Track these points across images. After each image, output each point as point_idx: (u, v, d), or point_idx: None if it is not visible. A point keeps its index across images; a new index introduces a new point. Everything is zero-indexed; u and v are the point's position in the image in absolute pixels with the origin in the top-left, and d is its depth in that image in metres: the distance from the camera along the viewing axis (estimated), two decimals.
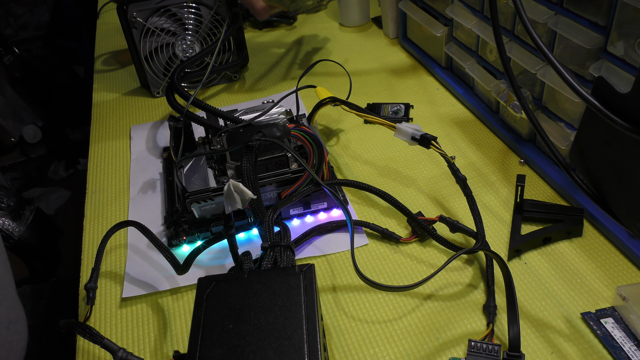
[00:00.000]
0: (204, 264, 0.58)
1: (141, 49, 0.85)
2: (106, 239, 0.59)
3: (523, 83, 0.66)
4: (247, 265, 0.46)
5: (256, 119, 0.67)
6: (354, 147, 0.74)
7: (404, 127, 0.60)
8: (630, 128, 0.40)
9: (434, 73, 0.87)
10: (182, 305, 0.55)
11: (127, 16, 0.83)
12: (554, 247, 0.56)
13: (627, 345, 0.46)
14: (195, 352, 0.38)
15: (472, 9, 0.73)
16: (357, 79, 0.89)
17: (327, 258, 0.58)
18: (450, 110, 0.79)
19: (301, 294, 0.41)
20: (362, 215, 0.63)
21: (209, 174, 0.63)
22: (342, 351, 0.49)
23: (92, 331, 0.46)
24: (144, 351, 0.51)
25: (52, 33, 2.07)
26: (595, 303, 0.50)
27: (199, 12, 0.85)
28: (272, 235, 0.50)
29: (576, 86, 0.42)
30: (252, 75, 0.95)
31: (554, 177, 0.62)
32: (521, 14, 0.46)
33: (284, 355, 0.37)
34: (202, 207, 0.60)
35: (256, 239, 0.61)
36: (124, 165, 0.76)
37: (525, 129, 0.68)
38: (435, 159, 0.70)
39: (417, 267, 0.56)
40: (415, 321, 0.51)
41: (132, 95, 0.92)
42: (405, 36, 0.96)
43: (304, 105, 0.81)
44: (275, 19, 1.10)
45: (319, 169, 0.60)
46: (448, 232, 0.58)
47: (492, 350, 0.46)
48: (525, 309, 0.50)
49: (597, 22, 0.52)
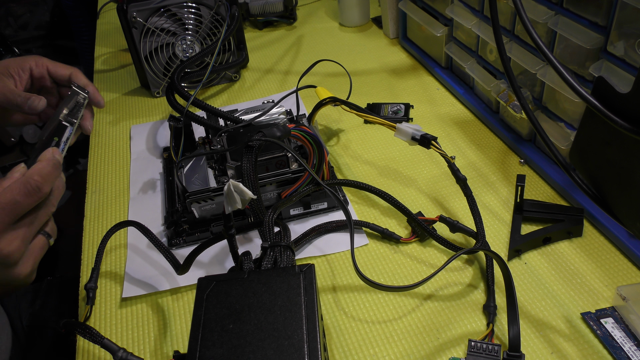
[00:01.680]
0: (204, 264, 0.58)
1: (141, 49, 0.85)
2: (106, 239, 0.59)
3: (523, 83, 0.66)
4: (247, 265, 0.46)
5: (256, 119, 0.67)
6: (354, 147, 0.74)
7: (404, 127, 0.60)
8: (630, 128, 0.40)
9: (434, 73, 0.87)
10: (182, 305, 0.55)
11: (127, 16, 0.83)
12: (554, 247, 0.56)
13: (627, 345, 0.46)
14: (195, 352, 0.38)
15: (472, 9, 0.73)
16: (357, 79, 0.89)
17: (327, 258, 0.58)
18: (450, 110, 0.79)
19: (301, 294, 0.41)
20: (362, 215, 0.63)
21: (209, 174, 0.63)
22: (342, 351, 0.49)
23: (92, 331, 0.46)
24: (144, 351, 0.51)
25: (52, 33, 2.07)
26: (595, 303, 0.50)
27: (199, 12, 0.85)
28: (272, 235, 0.50)
29: (576, 86, 0.42)
30: (252, 75, 0.95)
31: (554, 177, 0.62)
32: (521, 14, 0.46)
33: (284, 355, 0.37)
34: (202, 207, 0.60)
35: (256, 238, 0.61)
36: (124, 165, 0.76)
37: (525, 129, 0.68)
38: (435, 159, 0.70)
39: (417, 267, 0.56)
40: (415, 321, 0.51)
41: (132, 95, 0.92)
42: (405, 36, 0.96)
43: (303, 105, 0.81)
44: (276, 19, 1.10)
45: (319, 169, 0.60)
46: (448, 232, 0.58)
47: (492, 350, 0.46)
48: (525, 309, 0.50)
49: (597, 22, 0.52)
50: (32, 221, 0.49)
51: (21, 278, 0.49)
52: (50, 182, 0.50)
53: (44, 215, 0.50)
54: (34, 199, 0.48)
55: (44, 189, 0.49)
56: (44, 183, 0.49)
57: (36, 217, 0.50)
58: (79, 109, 0.62)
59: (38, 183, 0.49)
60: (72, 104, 0.62)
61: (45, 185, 0.49)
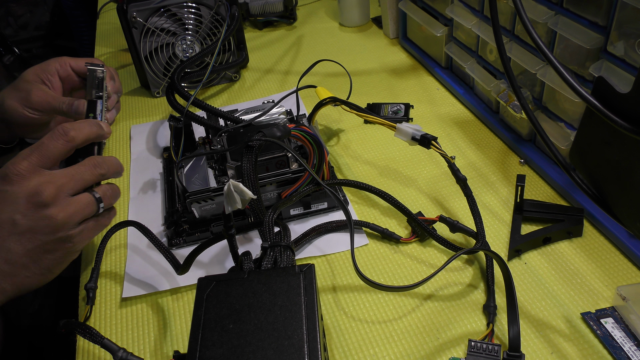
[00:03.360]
0: (204, 264, 0.58)
1: (141, 49, 0.85)
2: (106, 239, 0.59)
3: (523, 83, 0.66)
4: (247, 265, 0.46)
5: (256, 119, 0.67)
6: (354, 147, 0.74)
7: (404, 127, 0.60)
8: (630, 128, 0.40)
9: (434, 73, 0.87)
10: (182, 305, 0.55)
11: (127, 16, 0.83)
12: (554, 247, 0.56)
13: (627, 345, 0.46)
14: (195, 352, 0.38)
15: (472, 9, 0.73)
16: (357, 79, 0.89)
17: (327, 258, 0.58)
18: (450, 110, 0.79)
19: (301, 294, 0.41)
20: (362, 215, 0.63)
21: (209, 174, 0.63)
22: (342, 351, 0.49)
23: (92, 331, 0.46)
24: (144, 351, 0.51)
25: (52, 33, 2.07)
26: (595, 303, 0.50)
27: (199, 12, 0.85)
28: (272, 235, 0.50)
29: (576, 86, 0.42)
30: (252, 75, 0.95)
31: (554, 177, 0.62)
32: (521, 14, 0.46)
33: (284, 355, 0.37)
34: (202, 207, 0.60)
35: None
36: (124, 165, 0.75)
37: (525, 129, 0.68)
38: (435, 159, 0.70)
39: (417, 267, 0.56)
40: (415, 321, 0.51)
41: (132, 95, 0.92)
42: (405, 36, 0.96)
43: (303, 106, 0.81)
44: (276, 19, 1.10)
45: (319, 169, 0.60)
46: (448, 232, 0.58)
47: (492, 350, 0.46)
48: (525, 309, 0.50)
49: (597, 22, 0.52)
50: (70, 172, 0.50)
51: (58, 221, 0.48)
52: (80, 130, 0.52)
53: (87, 171, 0.51)
54: (59, 142, 0.50)
55: (70, 133, 0.51)
56: (72, 129, 0.51)
57: (77, 171, 0.50)
58: (101, 82, 0.64)
59: (64, 127, 0.51)
60: (94, 82, 0.64)
61: (73, 131, 0.51)
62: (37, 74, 0.67)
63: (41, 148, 0.50)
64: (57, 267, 0.51)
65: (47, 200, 0.48)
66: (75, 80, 0.69)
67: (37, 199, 0.48)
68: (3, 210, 0.48)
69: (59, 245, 0.49)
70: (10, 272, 0.48)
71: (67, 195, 0.49)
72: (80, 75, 0.69)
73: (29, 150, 0.50)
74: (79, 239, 0.50)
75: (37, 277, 0.50)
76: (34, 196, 0.48)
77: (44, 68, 0.67)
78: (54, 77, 0.67)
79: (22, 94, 0.65)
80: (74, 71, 0.68)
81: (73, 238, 0.50)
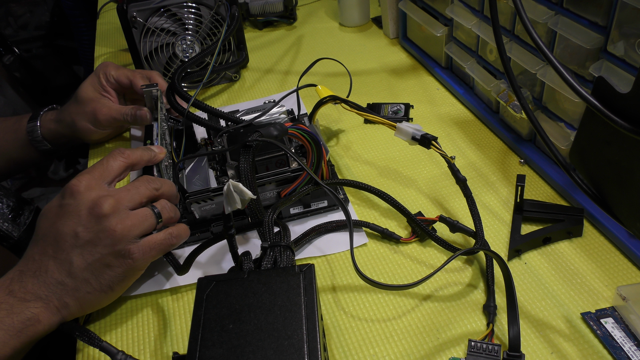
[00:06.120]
0: (204, 264, 0.58)
1: (141, 49, 0.85)
2: None
3: (523, 83, 0.66)
4: (247, 265, 0.46)
5: (256, 119, 0.67)
6: (355, 147, 0.74)
7: (404, 126, 0.60)
8: (630, 128, 0.40)
9: (434, 73, 0.87)
10: (182, 305, 0.55)
11: (127, 16, 0.83)
12: (554, 247, 0.56)
13: (627, 345, 0.46)
14: (195, 352, 0.38)
15: (472, 9, 0.73)
16: (357, 79, 0.89)
17: (327, 258, 0.58)
18: (450, 110, 0.79)
19: (301, 294, 0.41)
20: (362, 216, 0.63)
21: (210, 175, 0.63)
22: (342, 351, 0.49)
23: (90, 334, 0.46)
24: (144, 351, 0.51)
25: (52, 33, 2.07)
26: (595, 303, 0.50)
27: (199, 12, 0.85)
28: (272, 235, 0.50)
29: (576, 86, 0.42)
30: (252, 75, 0.95)
31: (554, 177, 0.62)
32: (521, 14, 0.46)
33: (284, 355, 0.37)
34: (202, 207, 0.60)
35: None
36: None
37: (525, 129, 0.68)
38: (435, 159, 0.70)
39: (417, 267, 0.56)
40: (415, 321, 0.51)
41: None
42: (405, 36, 0.96)
43: (304, 105, 0.81)
44: (276, 19, 1.10)
45: (317, 167, 0.60)
46: (448, 232, 0.58)
47: (492, 350, 0.46)
48: (525, 309, 0.50)
49: (597, 22, 0.52)
50: (127, 187, 0.52)
51: (117, 232, 0.48)
52: (137, 154, 0.56)
53: (142, 185, 0.53)
54: (117, 161, 0.53)
55: (126, 152, 0.54)
56: (128, 151, 0.55)
57: (133, 185, 0.52)
58: (156, 102, 0.68)
59: (121, 149, 0.55)
60: (152, 103, 0.68)
61: (129, 152, 0.55)
62: (96, 89, 0.73)
63: (101, 167, 0.52)
64: (118, 284, 0.50)
65: (107, 212, 0.48)
66: (124, 86, 0.75)
67: (97, 210, 0.48)
68: (66, 224, 0.49)
69: (119, 261, 0.49)
70: (72, 286, 0.48)
71: (126, 208, 0.50)
72: (121, 84, 0.75)
73: (90, 168, 0.52)
74: (139, 255, 0.50)
75: (98, 294, 0.49)
76: (94, 208, 0.48)
77: (99, 81, 0.74)
78: (110, 88, 0.74)
79: (89, 116, 0.72)
80: (115, 80, 0.74)
81: (132, 254, 0.49)
